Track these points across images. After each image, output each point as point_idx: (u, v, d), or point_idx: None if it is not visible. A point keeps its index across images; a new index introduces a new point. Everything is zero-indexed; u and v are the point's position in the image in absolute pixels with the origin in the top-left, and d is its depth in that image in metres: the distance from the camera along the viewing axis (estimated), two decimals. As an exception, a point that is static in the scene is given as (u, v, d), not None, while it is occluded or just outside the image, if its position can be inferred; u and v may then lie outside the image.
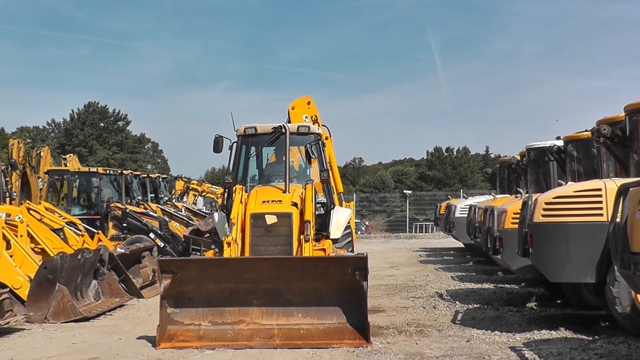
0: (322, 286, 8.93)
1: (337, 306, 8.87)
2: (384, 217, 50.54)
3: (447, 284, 15.12)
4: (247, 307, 9.00)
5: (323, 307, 8.90)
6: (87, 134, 72.80)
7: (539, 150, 14.51)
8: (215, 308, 9.03)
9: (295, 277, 8.95)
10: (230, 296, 9.04)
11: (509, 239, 10.60)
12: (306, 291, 8.97)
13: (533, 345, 8.35)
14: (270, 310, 8.97)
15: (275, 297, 8.98)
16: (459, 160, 74.92)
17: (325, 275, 8.91)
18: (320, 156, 11.78)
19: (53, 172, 24.40)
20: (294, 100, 14.98)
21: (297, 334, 8.76)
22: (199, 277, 9.02)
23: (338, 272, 8.81)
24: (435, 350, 8.28)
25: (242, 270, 9.02)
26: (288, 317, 8.92)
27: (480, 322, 10.16)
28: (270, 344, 8.61)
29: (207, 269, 9.14)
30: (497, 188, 20.45)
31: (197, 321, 8.98)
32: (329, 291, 8.92)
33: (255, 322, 8.92)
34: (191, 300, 9.03)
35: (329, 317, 8.87)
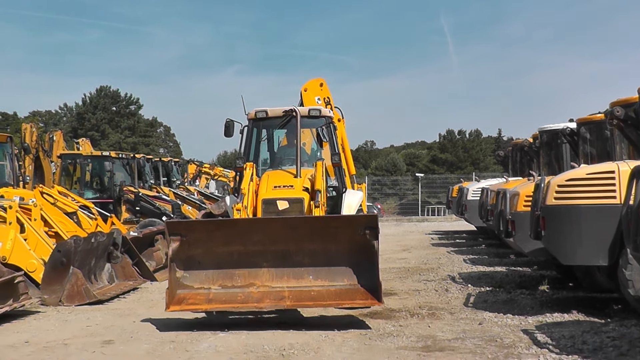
0: (333, 247, 8.90)
1: (349, 267, 8.86)
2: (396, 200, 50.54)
3: (459, 267, 15.13)
4: (257, 269, 8.98)
5: (334, 269, 8.90)
6: (99, 118, 72.98)
7: (551, 133, 14.48)
8: (225, 271, 9.03)
9: (305, 238, 8.91)
10: (240, 259, 9.01)
11: (521, 222, 10.59)
12: (316, 252, 8.95)
13: (545, 328, 8.35)
14: (281, 272, 8.96)
15: (285, 259, 8.96)
16: (471, 143, 74.65)
17: (336, 236, 8.85)
18: (332, 139, 11.70)
19: (66, 156, 24.52)
20: (307, 82, 14.79)
21: (307, 296, 8.79)
22: (207, 240, 8.98)
23: (348, 231, 8.75)
24: (447, 333, 8.30)
25: (251, 232, 8.98)
26: (299, 280, 8.92)
27: (493, 305, 10.17)
28: (281, 305, 8.70)
29: (216, 231, 9.10)
30: (510, 171, 20.42)
31: (207, 285, 8.98)
32: (339, 252, 8.89)
33: (265, 284, 8.90)
34: (200, 264, 9.01)
35: (340, 279, 8.87)
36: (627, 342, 7.37)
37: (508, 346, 7.48)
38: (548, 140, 14.70)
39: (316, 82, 14.77)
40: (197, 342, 8.07)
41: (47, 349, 8.00)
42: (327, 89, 14.67)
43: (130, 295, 11.89)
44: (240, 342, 7.99)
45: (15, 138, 21.19)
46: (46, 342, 8.33)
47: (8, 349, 8.05)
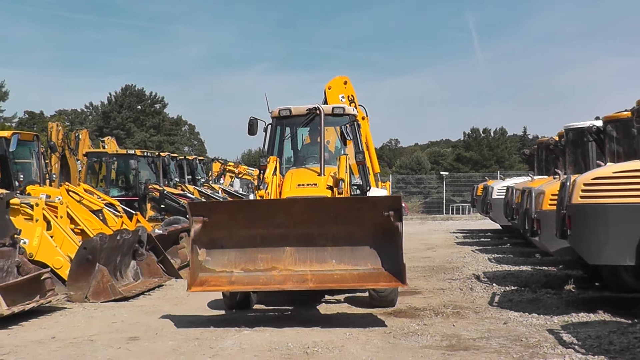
0: (356, 230, 8.83)
1: (372, 251, 8.79)
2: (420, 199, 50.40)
3: (484, 266, 15.06)
4: (279, 253, 8.93)
5: (357, 252, 8.83)
6: (124, 117, 73.46)
7: (577, 131, 14.36)
8: (247, 255, 8.98)
9: (327, 220, 8.84)
10: (263, 243, 8.96)
11: (547, 221, 10.53)
12: (340, 236, 8.88)
13: (571, 328, 8.30)
14: (304, 256, 8.89)
15: (308, 243, 8.89)
16: (496, 141, 74.21)
17: (359, 219, 8.78)
18: (356, 137, 11.63)
19: (92, 155, 24.74)
20: (331, 80, 14.64)
21: (330, 278, 8.77)
22: (229, 222, 8.95)
23: (372, 213, 8.66)
24: (472, 332, 8.28)
25: (273, 213, 8.95)
26: (322, 264, 8.87)
27: (518, 304, 10.12)
28: (303, 287, 8.73)
29: (238, 213, 9.11)
30: (535, 169, 20.30)
31: (229, 268, 8.95)
32: (363, 235, 8.82)
33: (288, 268, 8.85)
34: (223, 248, 9.00)
35: (363, 263, 8.80)
36: (654, 342, 7.32)
37: (533, 346, 7.45)
38: (574, 138, 14.58)
39: (340, 79, 14.61)
40: (221, 339, 8.11)
41: (73, 344, 8.08)
42: (351, 87, 14.54)
43: (155, 292, 11.98)
44: (264, 340, 8.02)
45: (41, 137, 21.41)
46: (72, 338, 8.42)
47: (35, 344, 8.15)
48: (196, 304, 10.56)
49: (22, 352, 7.74)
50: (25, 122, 62.26)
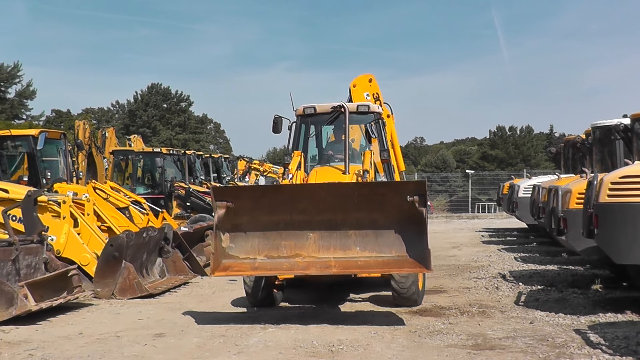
0: (381, 216, 8.73)
1: (397, 238, 8.69)
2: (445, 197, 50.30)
3: (510, 265, 15.00)
4: (303, 240, 8.88)
5: (382, 239, 8.73)
6: (150, 115, 73.92)
7: (604, 129, 14.22)
8: (271, 242, 8.94)
9: (351, 207, 8.75)
10: (286, 229, 8.92)
11: (574, 220, 10.44)
12: (364, 222, 8.80)
13: (598, 329, 8.24)
14: (327, 243, 8.83)
15: (332, 230, 8.84)
16: (522, 139, 73.86)
17: (383, 204, 8.67)
18: (381, 135, 11.58)
19: (118, 153, 24.95)
20: (356, 78, 14.48)
21: (354, 264, 8.77)
22: (253, 208, 8.91)
23: (396, 199, 8.52)
24: (498, 331, 8.24)
25: (297, 199, 8.89)
26: (345, 251, 8.81)
27: (544, 303, 10.07)
28: (327, 272, 8.75)
29: (261, 198, 9.07)
30: (562, 167, 20.15)
31: (253, 255, 8.92)
32: (387, 222, 8.72)
33: (311, 255, 8.80)
34: (246, 234, 8.96)
35: (388, 250, 8.72)
36: (682, 343, 7.26)
37: (560, 346, 7.40)
38: (601, 136, 14.45)
39: (365, 77, 14.46)
40: (246, 336, 8.15)
41: (100, 340, 8.15)
42: (377, 85, 14.38)
43: (181, 289, 12.05)
44: (289, 337, 8.05)
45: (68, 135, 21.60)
46: (99, 334, 8.49)
47: (63, 339, 8.23)
48: (221, 301, 10.61)
49: (50, 348, 7.81)
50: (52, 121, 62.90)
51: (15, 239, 9.88)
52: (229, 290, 11.67)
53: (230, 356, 7.27)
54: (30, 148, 17.73)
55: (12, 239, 9.88)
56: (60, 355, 7.47)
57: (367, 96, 13.98)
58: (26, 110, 60.67)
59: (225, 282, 12.39)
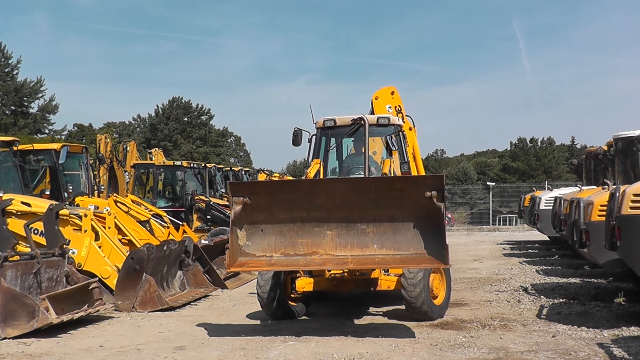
0: (399, 213, 8.57)
1: (415, 235, 8.53)
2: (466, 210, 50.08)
3: (531, 278, 14.90)
4: (320, 238, 8.77)
5: (400, 237, 8.56)
6: (171, 129, 74.34)
7: (627, 140, 14.17)
8: (287, 239, 8.85)
9: (369, 203, 8.62)
10: (303, 227, 8.82)
11: (596, 232, 10.37)
12: (382, 219, 8.65)
13: (622, 342, 8.16)
14: (345, 241, 8.71)
15: (349, 228, 8.71)
16: (544, 151, 73.55)
17: (401, 201, 8.51)
18: (401, 148, 11.52)
19: (139, 166, 25.12)
20: (377, 90, 14.39)
21: (371, 261, 8.69)
22: (270, 204, 8.81)
23: (414, 195, 8.37)
24: (519, 345, 8.18)
25: (314, 194, 8.77)
26: (363, 249, 8.68)
27: (566, 317, 9.99)
28: (344, 267, 8.87)
29: (279, 193, 8.94)
30: (584, 179, 20.06)
31: (269, 253, 8.83)
32: (405, 218, 8.56)
33: (328, 253, 8.70)
34: (263, 232, 8.88)
35: (406, 248, 8.57)
36: None
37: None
38: (623, 147, 14.39)
39: (387, 90, 14.39)
40: (267, 349, 8.14)
41: (120, 353, 8.18)
42: (399, 97, 14.28)
43: (201, 302, 12.06)
44: (309, 350, 8.03)
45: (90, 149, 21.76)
46: (120, 347, 8.52)
47: (84, 352, 8.26)
48: (242, 314, 10.61)
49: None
50: (74, 135, 63.34)
51: (37, 252, 9.94)
52: (249, 303, 11.66)
53: (250, 369, 7.27)
54: (52, 162, 17.95)
55: (34, 252, 9.94)
56: (81, 368, 7.51)
57: (389, 109, 13.92)
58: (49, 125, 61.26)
59: (246, 294, 12.40)
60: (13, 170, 15.07)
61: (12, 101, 58.30)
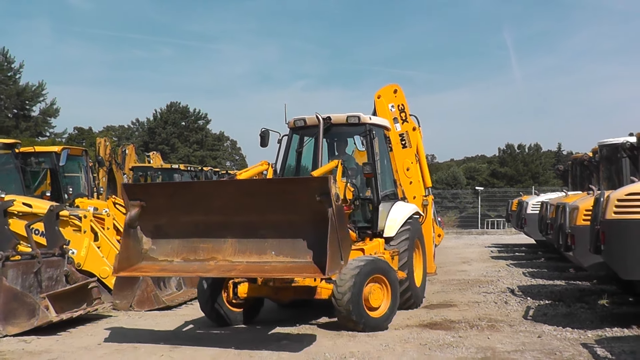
0: (295, 218, 7.87)
1: (309, 241, 7.80)
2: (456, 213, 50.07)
3: (518, 280, 14.94)
4: (220, 244, 8.24)
5: (297, 243, 7.86)
6: (169, 133, 74.20)
7: (611, 147, 14.21)
8: (190, 244, 8.38)
9: (265, 207, 7.98)
10: (205, 231, 8.31)
11: (581, 236, 10.40)
12: (280, 225, 7.95)
13: (605, 343, 8.19)
14: (244, 247, 8.15)
15: (249, 233, 8.11)
16: (531, 157, 73.57)
17: (295, 205, 7.81)
18: (370, 148, 10.71)
19: (137, 169, 25.11)
20: (381, 89, 13.35)
21: (260, 269, 8.06)
22: (169, 208, 8.40)
23: (306, 199, 7.67)
24: (506, 345, 8.20)
25: (209, 197, 8.29)
26: (260, 255, 8.04)
27: (552, 318, 10.02)
28: (226, 275, 8.49)
29: (174, 196, 8.53)
30: (569, 185, 20.08)
31: (171, 257, 8.40)
32: (301, 224, 7.83)
33: (226, 259, 8.14)
34: (167, 236, 8.49)
35: (302, 255, 7.84)
36: (688, 357, 7.21)
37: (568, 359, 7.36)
38: (608, 154, 14.43)
39: (390, 88, 13.33)
40: (259, 351, 8.12)
41: (118, 351, 8.16)
42: (402, 96, 13.26)
43: (197, 302, 12.01)
44: (302, 350, 8.02)
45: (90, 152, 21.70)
46: (117, 345, 8.50)
47: (82, 350, 8.25)
48: (236, 314, 10.61)
49: (69, 358, 7.84)
50: (74, 138, 63.21)
51: (38, 252, 9.93)
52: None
53: (244, 367, 7.27)
54: (53, 164, 17.90)
55: (34, 252, 9.93)
56: (80, 366, 7.50)
57: (392, 108, 13.06)
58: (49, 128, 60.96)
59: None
60: (15, 172, 15.03)
61: (14, 104, 58.09)
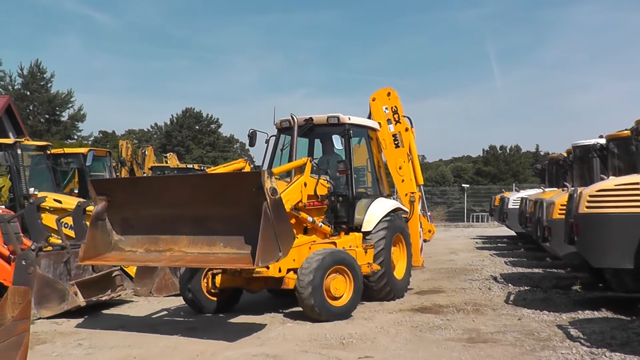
0: (241, 212, 7.49)
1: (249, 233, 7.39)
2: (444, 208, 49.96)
3: (500, 268, 14.96)
4: (178, 235, 8.03)
5: (244, 236, 7.49)
6: (184, 136, 74.14)
7: (583, 148, 14.21)
8: (152, 236, 8.21)
9: (212, 201, 7.70)
10: (165, 223, 8.12)
11: (557, 228, 10.42)
12: (228, 218, 7.65)
13: (578, 324, 8.23)
14: (198, 239, 7.91)
15: (202, 225, 7.86)
16: (512, 157, 73.39)
17: (236, 198, 7.50)
18: (347, 147, 10.30)
19: (156, 168, 25.10)
20: (375, 92, 12.83)
21: (204, 259, 7.80)
22: (131, 202, 8.25)
23: (244, 193, 7.39)
24: (490, 327, 8.24)
25: (163, 192, 8.13)
26: (211, 247, 7.79)
27: (531, 302, 10.04)
28: (172, 264, 8.31)
29: (132, 191, 8.43)
30: (546, 182, 20.06)
31: (135, 248, 8.27)
32: (247, 218, 7.39)
33: (182, 250, 7.95)
34: (134, 227, 8.33)
35: (246, 247, 7.47)
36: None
37: (544, 339, 7.40)
38: (580, 154, 14.44)
39: (384, 91, 12.77)
40: (268, 330, 8.18)
41: (139, 333, 8.21)
42: (395, 98, 12.65)
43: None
44: (305, 332, 8.07)
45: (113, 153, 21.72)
46: (138, 327, 8.55)
47: (107, 331, 8.31)
48: (247, 299, 10.61)
49: (96, 338, 7.89)
50: (99, 140, 63.23)
51: (67, 243, 9.97)
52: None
53: (254, 347, 7.30)
54: (80, 164, 17.95)
55: (64, 244, 9.97)
56: (105, 345, 7.54)
57: (386, 109, 12.53)
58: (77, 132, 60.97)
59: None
60: (46, 172, 15.03)
61: (46, 110, 58.24)
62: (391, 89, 12.67)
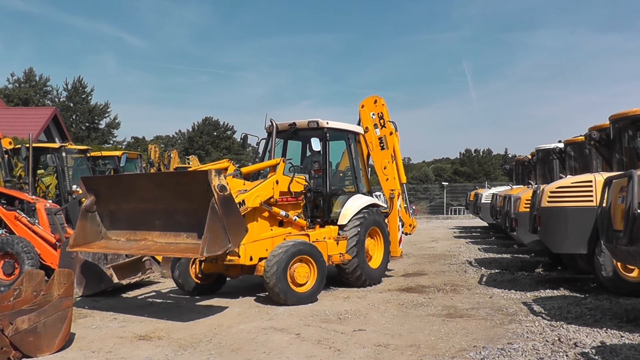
0: (198, 207, 7.21)
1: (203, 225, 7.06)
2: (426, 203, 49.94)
3: (475, 254, 14.97)
4: (152, 227, 7.88)
5: (201, 228, 7.12)
6: (204, 141, 74.10)
7: (545, 151, 14.24)
8: (133, 227, 8.08)
9: (174, 196, 7.54)
10: (143, 217, 7.96)
11: (523, 220, 10.45)
12: (189, 212, 7.49)
13: (540, 301, 8.25)
14: (168, 231, 7.74)
15: (170, 218, 7.71)
16: (484, 158, 73.36)
17: (197, 195, 7.22)
18: (323, 149, 9.85)
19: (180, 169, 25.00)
20: (364, 99, 12.45)
21: (165, 248, 7.60)
22: (115, 196, 8.08)
23: (198, 189, 7.17)
24: (465, 304, 8.26)
25: (137, 188, 7.95)
26: (177, 237, 7.60)
27: (500, 283, 10.06)
28: (135, 252, 8.04)
29: (115, 187, 8.21)
30: (514, 180, 20.08)
31: (119, 237, 8.14)
32: (199, 211, 7.17)
33: (154, 240, 7.77)
34: (119, 219, 8.21)
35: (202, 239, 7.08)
36: (600, 311, 7.27)
37: (511, 314, 7.42)
38: (542, 156, 14.46)
39: (371, 99, 12.34)
40: (275, 307, 8.19)
41: (166, 309, 8.24)
42: (381, 104, 12.22)
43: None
44: (307, 308, 8.09)
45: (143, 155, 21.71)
46: (166, 304, 8.60)
47: (138, 307, 8.35)
48: (257, 280, 10.63)
49: (129, 313, 7.93)
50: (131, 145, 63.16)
51: (104, 233, 9.96)
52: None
53: (263, 321, 7.32)
54: (115, 165, 17.99)
55: (101, 233, 9.96)
56: (136, 319, 7.57)
57: (373, 115, 12.09)
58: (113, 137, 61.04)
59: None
60: (87, 172, 15.05)
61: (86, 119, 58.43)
62: (377, 96, 12.29)
